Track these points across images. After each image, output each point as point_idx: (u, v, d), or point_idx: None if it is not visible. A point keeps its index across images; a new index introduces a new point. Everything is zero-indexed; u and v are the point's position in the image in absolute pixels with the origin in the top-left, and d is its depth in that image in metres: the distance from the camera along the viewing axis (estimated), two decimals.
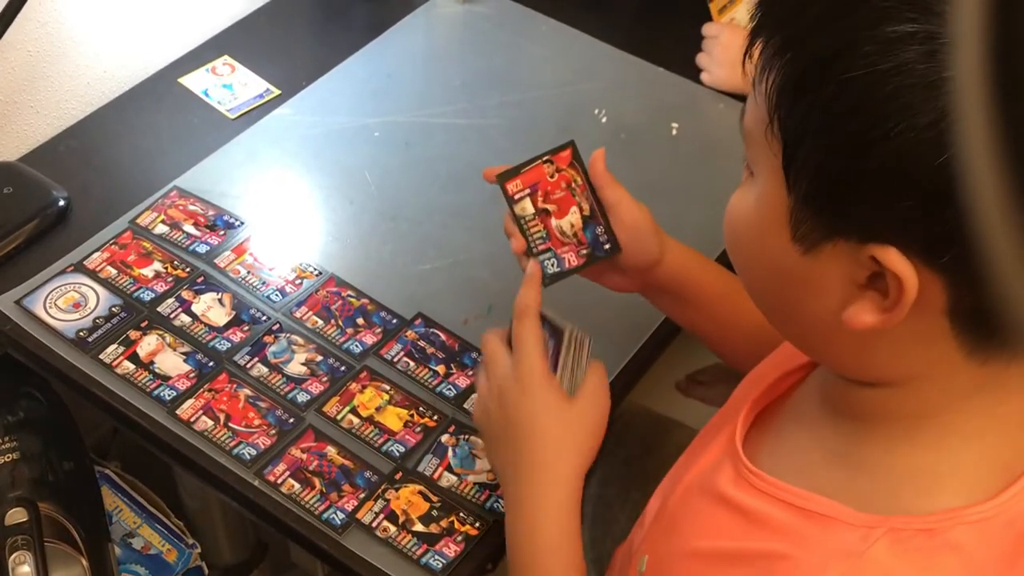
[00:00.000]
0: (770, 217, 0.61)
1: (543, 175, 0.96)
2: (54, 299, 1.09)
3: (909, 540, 0.61)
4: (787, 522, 0.66)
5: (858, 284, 0.59)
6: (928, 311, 0.58)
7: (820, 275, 0.60)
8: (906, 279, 0.56)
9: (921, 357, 0.61)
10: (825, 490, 0.65)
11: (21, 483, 1.09)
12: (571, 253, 0.96)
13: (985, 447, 0.63)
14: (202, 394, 1.03)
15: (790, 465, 0.70)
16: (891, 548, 0.61)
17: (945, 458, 0.63)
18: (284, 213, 1.20)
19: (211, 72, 1.35)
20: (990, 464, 0.63)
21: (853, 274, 0.59)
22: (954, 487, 0.62)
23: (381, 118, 1.31)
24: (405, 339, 1.08)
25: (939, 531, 0.61)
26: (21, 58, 1.23)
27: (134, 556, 1.20)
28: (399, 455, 1.00)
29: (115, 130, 1.29)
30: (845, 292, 0.59)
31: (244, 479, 0.98)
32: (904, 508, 0.62)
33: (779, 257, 0.62)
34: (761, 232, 0.63)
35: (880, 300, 0.58)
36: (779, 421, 0.76)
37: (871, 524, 0.62)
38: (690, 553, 0.73)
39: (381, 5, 1.48)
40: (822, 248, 0.59)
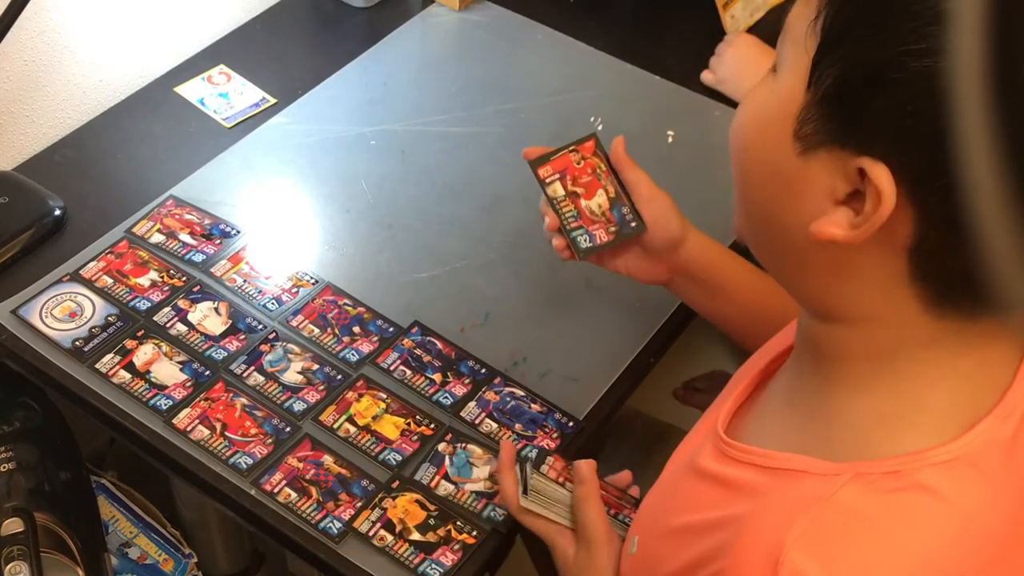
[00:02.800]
0: (780, 109, 0.62)
1: (570, 162, 1.04)
2: (50, 308, 1.09)
3: (876, 482, 0.62)
4: (759, 483, 0.67)
5: (836, 198, 0.60)
6: (891, 243, 0.59)
7: (806, 180, 0.61)
8: (885, 195, 0.57)
9: (878, 296, 0.63)
10: (796, 446, 0.67)
11: (17, 493, 1.09)
12: (601, 230, 1.02)
13: (945, 393, 0.64)
14: (198, 403, 1.03)
15: (767, 430, 0.72)
16: (857, 490, 0.62)
17: (907, 404, 0.65)
18: (280, 222, 1.20)
19: (207, 81, 1.36)
20: (952, 409, 0.64)
21: (835, 186, 0.60)
22: (917, 430, 0.64)
23: (377, 127, 1.32)
24: (401, 347, 1.08)
25: (905, 472, 0.62)
26: (17, 67, 1.23)
27: (130, 566, 1.19)
28: (396, 464, 1.00)
29: (111, 139, 1.29)
30: (822, 204, 0.61)
31: (240, 488, 0.97)
32: (870, 453, 0.63)
33: (774, 152, 0.63)
34: (766, 122, 0.64)
35: (852, 217, 0.60)
36: (761, 397, 0.78)
37: (837, 472, 0.63)
38: (673, 530, 0.74)
39: (377, 14, 1.48)
40: (818, 152, 0.60)
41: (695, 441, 0.81)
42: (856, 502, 0.62)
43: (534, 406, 1.05)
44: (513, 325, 1.12)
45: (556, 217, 1.02)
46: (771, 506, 0.65)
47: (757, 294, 1.00)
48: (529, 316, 1.13)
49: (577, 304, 1.15)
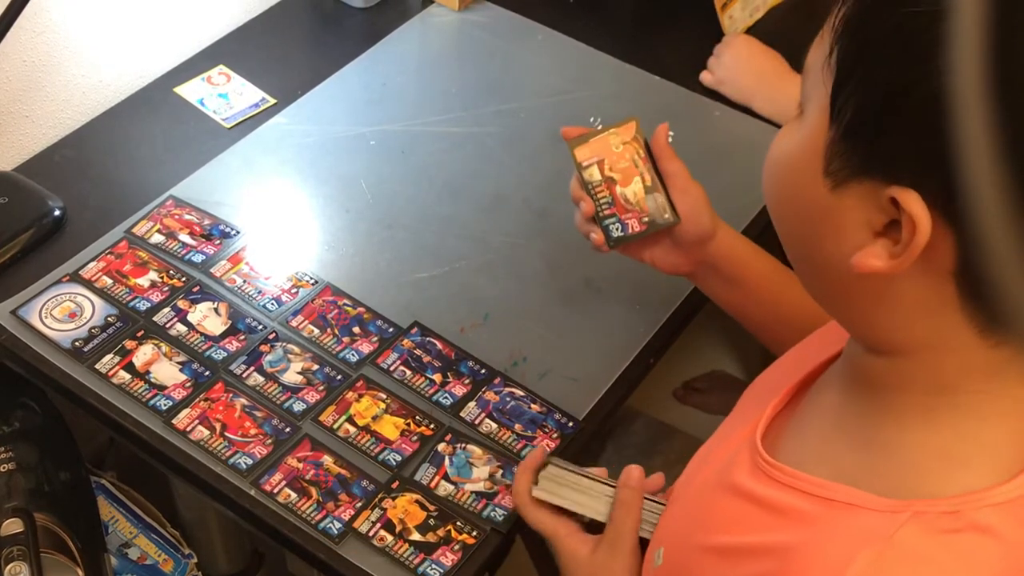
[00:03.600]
0: (809, 149, 0.62)
1: (609, 146, 1.03)
2: (50, 309, 1.09)
3: (934, 522, 0.61)
4: (808, 511, 0.66)
5: (874, 230, 0.60)
6: (935, 269, 0.58)
7: (842, 214, 0.61)
8: (920, 222, 0.56)
9: (930, 324, 0.61)
10: (845, 476, 0.65)
11: (17, 493, 1.09)
12: (634, 220, 1.01)
13: (1005, 428, 0.63)
14: (198, 404, 1.03)
15: (810, 454, 0.70)
16: (918, 531, 0.61)
17: (965, 439, 0.63)
18: (280, 222, 1.20)
19: (207, 82, 1.36)
20: (1011, 445, 0.63)
21: (871, 218, 0.59)
22: (976, 468, 0.62)
23: (377, 127, 1.32)
24: (401, 348, 1.08)
25: (964, 512, 0.61)
26: (16, 68, 1.23)
27: (130, 566, 1.19)
28: (396, 464, 1.00)
29: (111, 140, 1.29)
30: (861, 236, 0.60)
31: (240, 489, 0.97)
32: (927, 491, 0.62)
33: (807, 190, 0.63)
34: (797, 163, 0.64)
35: (891, 247, 0.59)
36: (799, 413, 0.76)
37: (895, 509, 0.62)
38: (708, 548, 0.73)
39: (376, 14, 1.48)
40: (849, 185, 0.60)
41: (725, 452, 0.78)
42: (915, 542, 0.61)
43: (534, 406, 1.05)
44: (513, 325, 1.12)
45: (592, 203, 1.01)
46: (826, 539, 0.63)
47: (779, 289, 1.00)
48: (529, 316, 1.13)
49: (577, 304, 1.15)
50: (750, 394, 0.85)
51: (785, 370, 0.83)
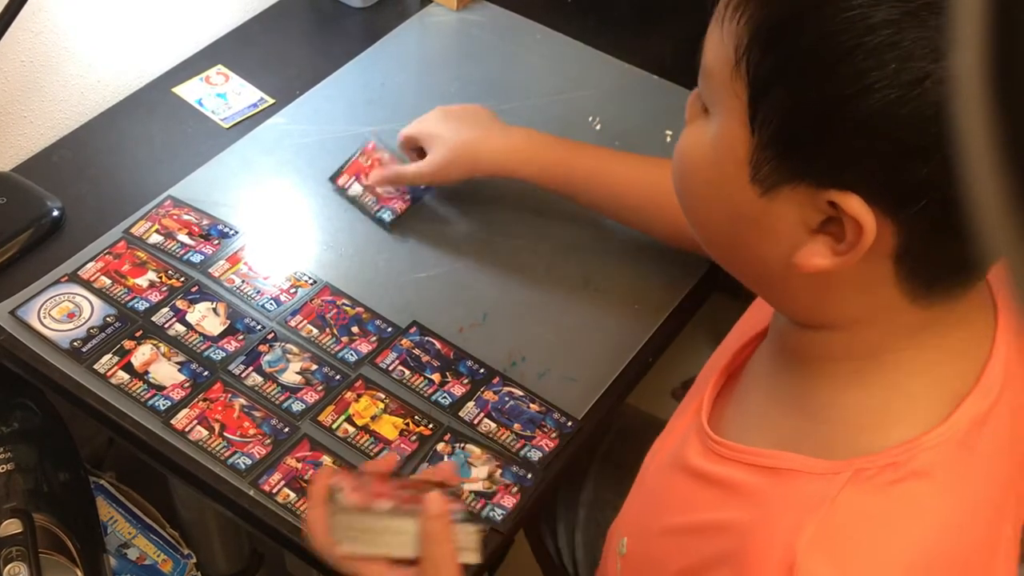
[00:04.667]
0: (728, 157, 0.61)
1: (361, 165, 1.22)
2: (48, 309, 1.08)
3: (876, 477, 0.62)
4: (755, 484, 0.67)
5: (810, 228, 0.60)
6: (876, 255, 0.59)
7: (775, 217, 0.61)
8: (866, 225, 0.57)
9: (867, 301, 0.63)
10: (786, 443, 0.66)
11: (16, 494, 1.09)
12: (398, 202, 1.20)
13: (932, 378, 0.65)
14: (197, 404, 1.02)
15: (751, 425, 0.72)
16: (859, 488, 0.62)
17: (896, 394, 0.65)
18: (278, 222, 1.20)
19: (205, 82, 1.35)
20: (939, 393, 0.65)
21: (807, 218, 0.59)
22: (909, 420, 0.64)
23: (376, 127, 1.31)
24: (400, 348, 1.08)
25: (902, 463, 0.62)
26: (14, 68, 1.23)
27: (129, 567, 1.19)
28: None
29: (109, 140, 1.28)
30: (797, 235, 0.60)
31: (239, 489, 0.97)
32: (865, 448, 0.63)
33: (734, 198, 0.62)
34: (718, 172, 0.63)
35: (832, 244, 0.59)
36: (739, 388, 0.77)
37: (835, 470, 0.63)
38: (667, 530, 0.74)
39: (375, 14, 1.48)
40: (780, 190, 0.60)
41: (676, 436, 0.80)
42: (860, 500, 0.62)
43: (533, 406, 1.05)
44: (511, 325, 1.12)
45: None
46: (776, 511, 0.64)
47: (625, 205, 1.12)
48: (527, 316, 1.13)
49: (576, 304, 1.15)
50: (699, 377, 0.86)
51: (724, 349, 0.84)
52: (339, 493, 0.84)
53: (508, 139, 1.14)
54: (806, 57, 0.57)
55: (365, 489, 0.85)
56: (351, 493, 0.84)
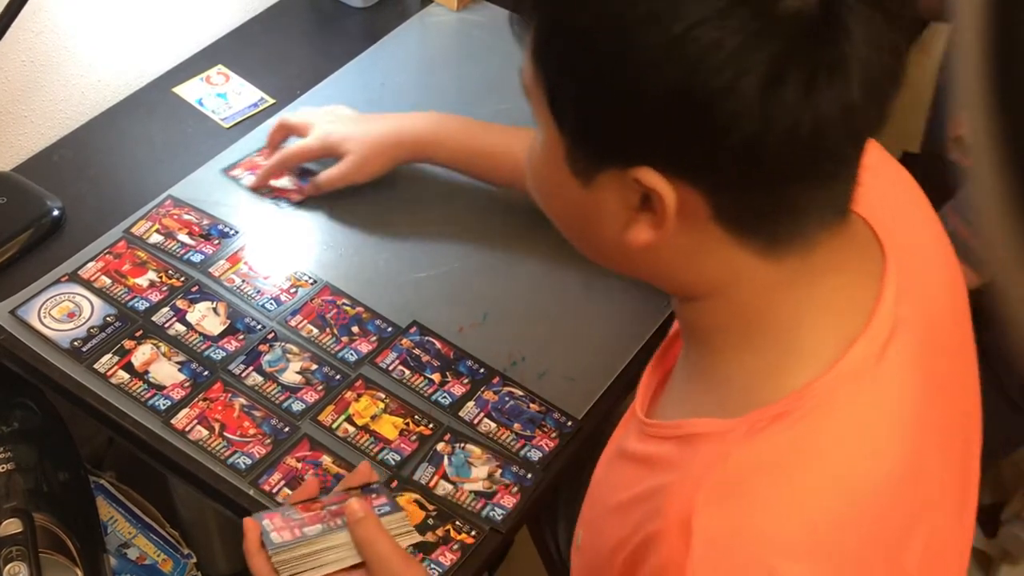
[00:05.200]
0: (552, 158, 0.67)
1: (256, 163, 1.24)
2: (48, 309, 1.09)
3: (766, 429, 0.65)
4: (671, 452, 0.70)
5: (633, 207, 0.64)
6: (698, 221, 0.63)
7: (602, 203, 0.66)
8: (664, 194, 0.62)
9: (716, 264, 0.66)
10: (695, 411, 0.70)
11: (16, 494, 1.09)
12: (294, 195, 1.22)
13: (817, 328, 0.67)
14: (197, 403, 1.02)
15: (673, 403, 0.76)
16: (751, 440, 0.65)
17: (784, 349, 0.68)
18: (278, 222, 1.20)
19: (205, 82, 1.35)
20: (826, 340, 0.67)
21: (627, 198, 0.64)
22: (797, 371, 0.66)
23: None
24: (400, 347, 1.08)
25: (791, 410, 0.65)
26: (15, 68, 1.23)
27: (129, 566, 1.19)
28: (395, 464, 1.00)
29: (109, 140, 1.28)
30: (625, 215, 0.65)
31: (239, 488, 0.97)
32: (759, 403, 0.66)
33: (566, 193, 0.68)
34: (549, 173, 0.69)
35: (653, 218, 0.64)
36: (670, 378, 0.81)
37: (731, 426, 0.66)
38: (608, 511, 0.76)
39: (375, 14, 1.48)
40: (596, 179, 0.65)
41: (621, 431, 0.83)
42: (751, 450, 0.65)
43: (532, 406, 1.05)
44: (511, 325, 1.12)
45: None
46: (684, 472, 0.67)
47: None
48: (527, 316, 1.13)
49: (576, 304, 1.15)
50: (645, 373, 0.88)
51: (663, 345, 0.87)
52: (270, 533, 0.87)
53: (420, 125, 1.20)
54: (573, 52, 0.63)
55: (293, 521, 0.88)
56: (280, 531, 0.87)
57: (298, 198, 1.21)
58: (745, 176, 0.61)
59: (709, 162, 0.60)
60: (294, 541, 0.86)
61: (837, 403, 0.65)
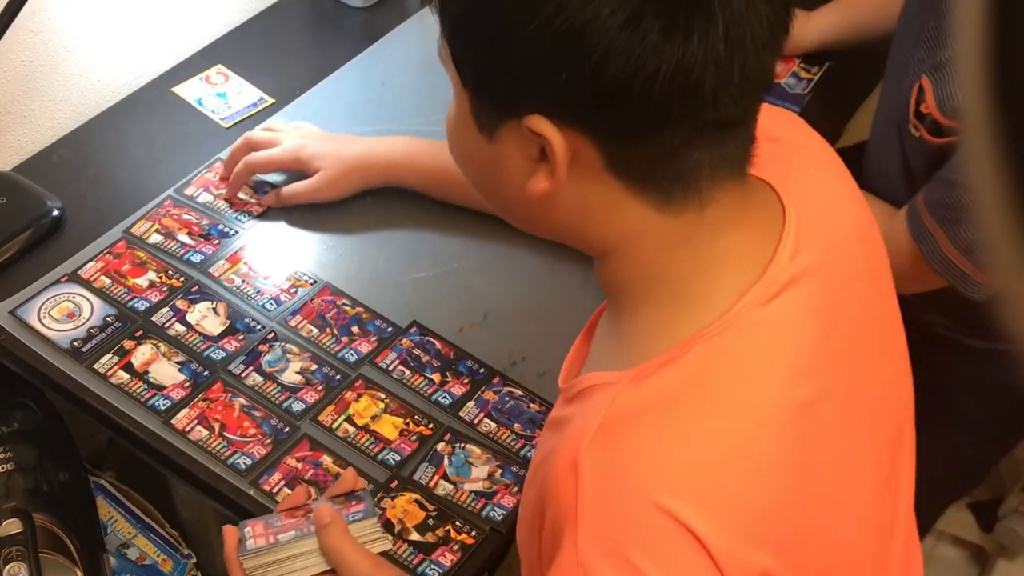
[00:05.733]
0: (462, 116, 0.70)
1: (208, 180, 1.22)
2: (48, 309, 1.08)
3: (652, 375, 0.66)
4: (574, 408, 0.71)
5: (533, 159, 0.66)
6: (591, 170, 0.65)
7: (505, 157, 0.68)
8: (553, 140, 0.64)
9: (617, 219, 0.68)
10: (596, 367, 0.72)
11: (15, 494, 1.09)
12: (253, 207, 1.21)
13: (711, 281, 0.69)
14: (197, 404, 1.02)
15: (589, 366, 0.76)
16: (636, 387, 0.66)
17: (678, 301, 0.69)
18: (278, 222, 1.20)
19: (205, 81, 1.35)
20: (717, 293, 0.69)
21: (526, 150, 0.66)
22: (689, 321, 0.68)
23: (375, 126, 1.31)
24: (400, 347, 1.08)
25: (677, 358, 0.66)
26: (14, 68, 1.23)
27: (129, 566, 1.19)
28: (395, 464, 1.00)
29: (109, 140, 1.28)
30: (527, 168, 0.67)
31: (239, 488, 0.97)
32: (650, 353, 0.68)
33: (476, 149, 0.70)
34: (460, 131, 0.71)
35: (549, 168, 0.66)
36: None
37: (619, 377, 0.67)
38: (527, 485, 0.77)
39: (375, 14, 1.48)
40: (498, 132, 0.67)
41: None
42: (636, 394, 0.66)
43: (533, 406, 1.05)
44: (511, 325, 1.12)
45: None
46: (578, 421, 0.69)
47: None
48: (527, 316, 1.13)
49: (576, 303, 1.14)
50: None
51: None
52: (247, 540, 0.88)
53: (391, 148, 1.21)
54: (461, 5, 0.66)
55: (272, 528, 0.89)
56: (256, 538, 0.88)
57: (259, 211, 1.20)
58: (624, 121, 0.63)
59: (589, 105, 0.62)
60: (266, 547, 0.87)
61: (722, 348, 0.67)
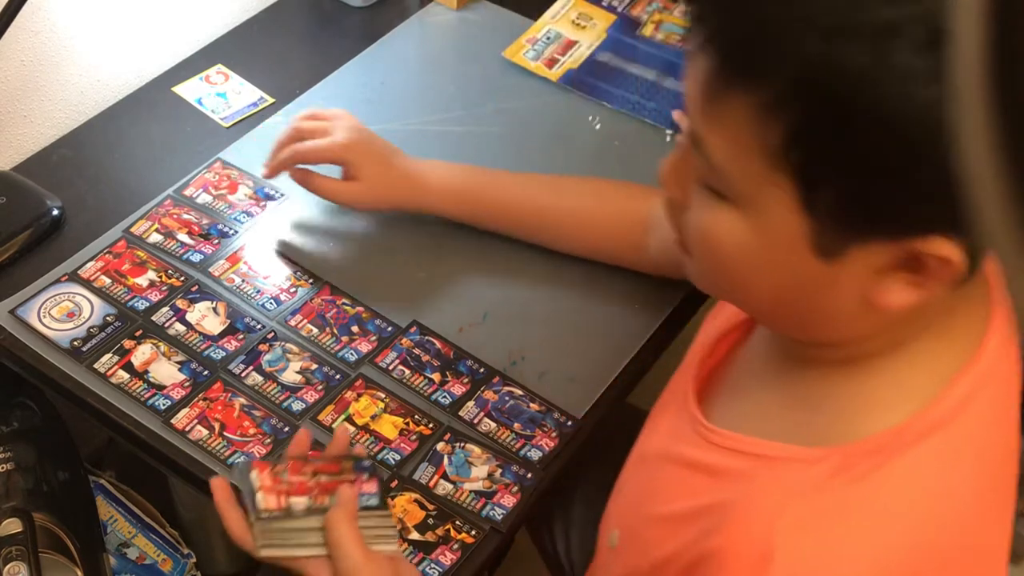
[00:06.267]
0: (780, 241, 0.61)
1: (208, 180, 1.20)
2: (48, 308, 1.08)
3: (860, 464, 0.63)
4: (744, 469, 0.67)
5: (883, 272, 0.60)
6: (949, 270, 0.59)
7: (843, 275, 0.61)
8: (954, 259, 0.57)
9: (865, 307, 0.63)
10: (779, 434, 0.67)
11: (15, 493, 1.09)
12: (254, 207, 1.19)
13: (922, 366, 0.66)
14: (197, 403, 1.02)
15: (746, 415, 0.72)
16: (843, 476, 0.63)
17: (885, 382, 0.66)
18: (278, 222, 1.20)
19: (205, 81, 1.35)
20: (928, 379, 0.65)
21: (882, 265, 0.60)
22: (897, 407, 0.65)
23: (376, 126, 1.31)
24: (400, 347, 1.08)
25: (887, 449, 0.63)
26: (14, 67, 1.23)
27: (129, 566, 1.19)
28: (395, 463, 1.00)
29: (109, 139, 1.28)
30: (868, 282, 0.61)
31: (239, 488, 0.97)
32: (853, 435, 0.64)
33: (794, 271, 0.62)
34: (768, 254, 0.63)
35: (910, 278, 0.59)
36: (731, 378, 0.78)
37: (821, 457, 0.64)
38: (657, 518, 0.74)
39: (375, 13, 1.48)
40: (848, 253, 0.60)
41: (664, 428, 0.81)
42: (842, 487, 0.63)
43: (533, 405, 1.05)
44: (512, 324, 1.12)
45: None
46: (758, 493, 0.65)
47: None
48: (528, 315, 1.13)
49: (576, 303, 1.15)
50: (679, 372, 0.86)
51: (700, 343, 0.84)
52: (256, 493, 0.85)
53: (443, 180, 1.13)
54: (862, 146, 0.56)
55: (281, 484, 0.86)
56: (268, 494, 0.85)
57: (257, 213, 1.18)
58: None
59: None
60: (280, 514, 0.84)
61: (928, 451, 0.63)
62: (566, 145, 1.31)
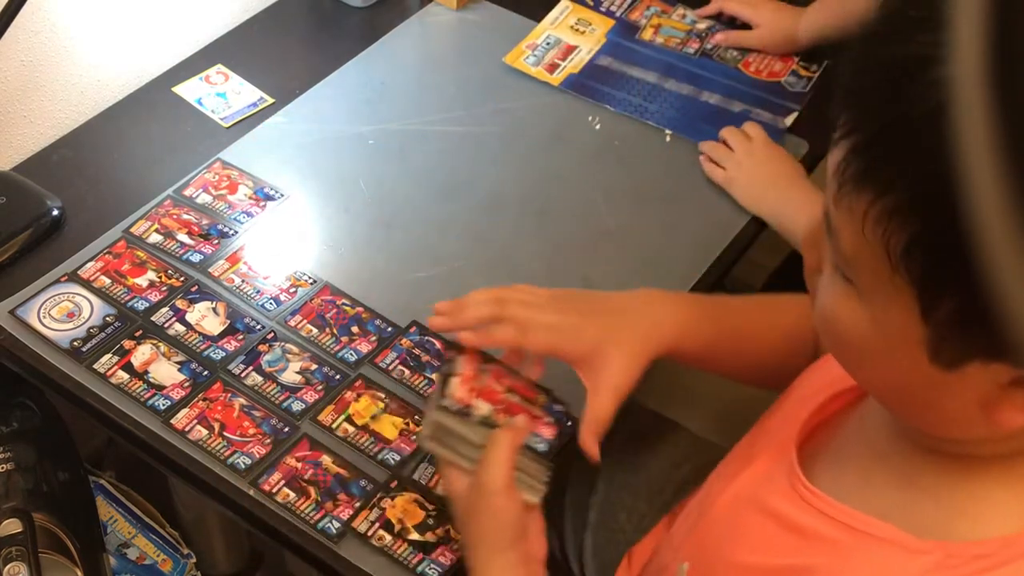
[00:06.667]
0: (898, 339, 0.60)
1: (207, 180, 1.18)
2: (48, 309, 1.08)
3: (962, 567, 0.61)
4: (839, 539, 0.66)
5: (1006, 388, 0.58)
6: None
7: (963, 384, 0.59)
8: None
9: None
10: (883, 512, 0.66)
11: (15, 494, 1.09)
12: (254, 207, 1.18)
13: None
14: (197, 403, 1.02)
15: (849, 485, 0.71)
16: (944, 572, 0.61)
17: (998, 487, 0.64)
18: (278, 222, 1.20)
19: (205, 81, 1.35)
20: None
21: (999, 379, 0.58)
22: (1007, 515, 0.63)
23: (375, 126, 1.31)
24: (400, 347, 1.08)
25: (992, 557, 0.61)
26: (14, 67, 1.23)
27: (129, 566, 1.19)
28: (394, 463, 1.00)
29: (109, 139, 1.28)
30: (988, 393, 0.59)
31: (239, 488, 0.97)
32: (959, 535, 0.63)
33: (910, 371, 0.61)
34: (887, 351, 0.62)
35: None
36: (837, 440, 0.76)
37: (925, 549, 0.62)
38: (739, 566, 0.74)
39: (375, 13, 1.48)
40: (968, 365, 0.58)
41: (755, 474, 0.78)
42: None
43: None
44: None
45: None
46: (850, 566, 0.64)
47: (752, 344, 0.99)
48: None
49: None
50: (785, 407, 0.84)
51: (802, 398, 0.82)
52: (452, 383, 0.83)
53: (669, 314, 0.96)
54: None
55: (478, 384, 0.84)
56: (462, 385, 0.84)
57: (258, 214, 1.15)
58: None
59: None
60: (458, 411, 0.83)
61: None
62: (566, 145, 1.31)
